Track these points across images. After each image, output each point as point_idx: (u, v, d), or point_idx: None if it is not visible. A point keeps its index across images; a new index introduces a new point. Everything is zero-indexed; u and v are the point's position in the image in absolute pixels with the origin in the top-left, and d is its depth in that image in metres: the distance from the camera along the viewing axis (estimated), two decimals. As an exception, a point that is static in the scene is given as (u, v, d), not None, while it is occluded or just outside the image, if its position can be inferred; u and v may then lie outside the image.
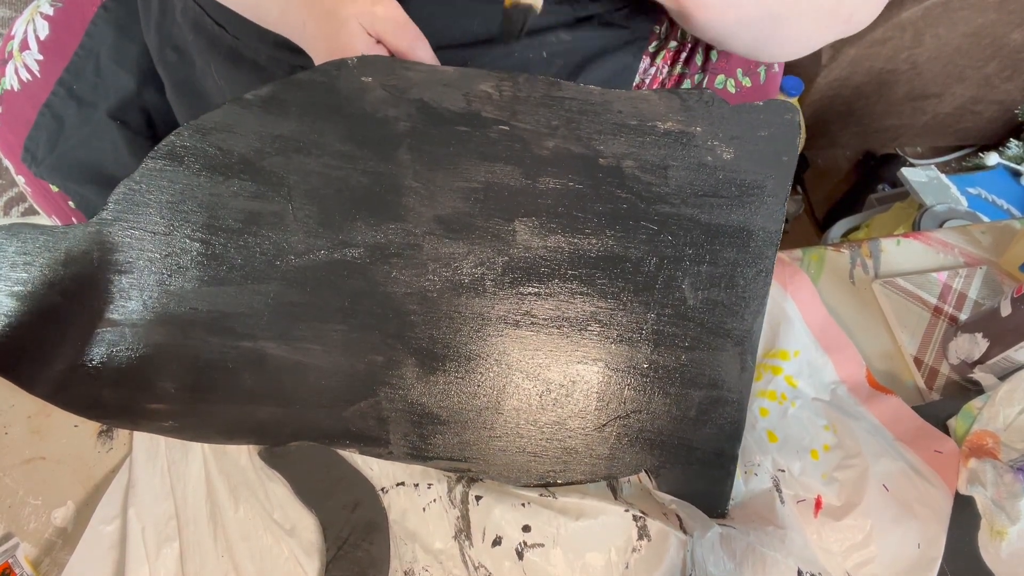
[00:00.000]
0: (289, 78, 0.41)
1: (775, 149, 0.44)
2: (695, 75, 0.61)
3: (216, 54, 0.54)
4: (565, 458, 0.47)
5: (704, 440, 0.47)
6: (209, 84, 0.57)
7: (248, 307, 0.44)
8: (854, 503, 0.48)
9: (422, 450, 0.47)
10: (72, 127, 0.61)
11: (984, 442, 0.51)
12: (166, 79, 0.60)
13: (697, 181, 0.44)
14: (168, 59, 0.59)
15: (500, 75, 0.41)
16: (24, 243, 0.43)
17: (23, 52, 0.61)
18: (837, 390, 0.55)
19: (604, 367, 0.46)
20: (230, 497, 0.45)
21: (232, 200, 0.43)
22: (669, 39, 0.61)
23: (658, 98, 0.43)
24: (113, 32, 0.62)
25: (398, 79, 0.41)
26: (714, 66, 0.61)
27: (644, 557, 0.44)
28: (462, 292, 0.44)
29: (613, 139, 0.43)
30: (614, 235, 0.44)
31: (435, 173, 0.43)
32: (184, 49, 0.57)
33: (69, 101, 0.61)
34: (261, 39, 0.51)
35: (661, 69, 0.61)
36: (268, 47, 0.51)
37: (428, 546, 0.45)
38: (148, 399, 0.45)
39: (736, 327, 0.46)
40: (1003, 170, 1.24)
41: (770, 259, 0.45)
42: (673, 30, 0.61)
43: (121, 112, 0.62)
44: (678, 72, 0.61)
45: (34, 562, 0.43)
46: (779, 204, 0.45)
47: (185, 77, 0.59)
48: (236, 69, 0.54)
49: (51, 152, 0.62)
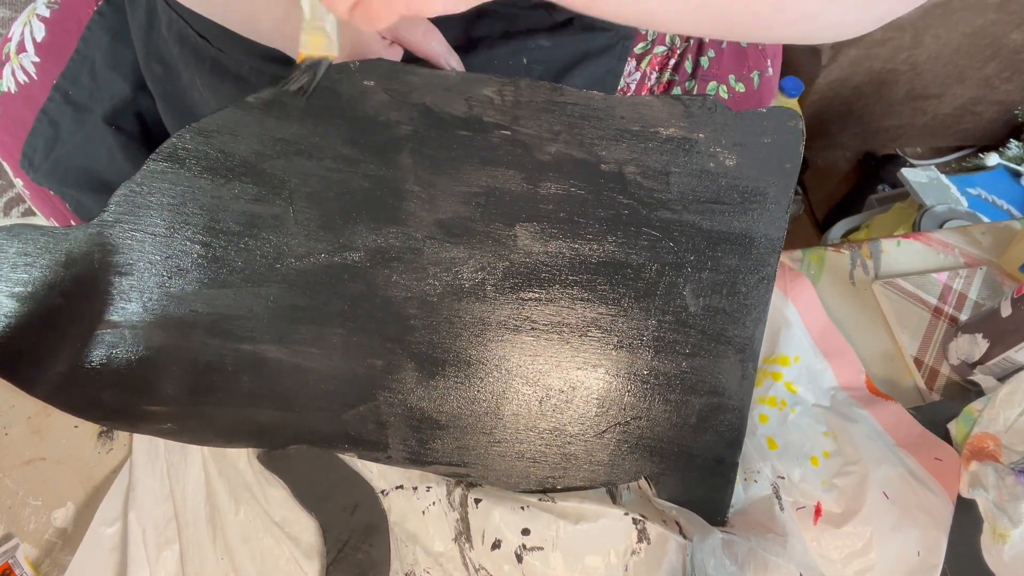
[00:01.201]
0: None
1: (778, 156, 0.44)
2: (685, 82, 0.60)
3: (201, 67, 0.54)
4: (564, 464, 0.47)
5: (704, 447, 0.47)
6: (195, 97, 0.57)
7: (248, 310, 0.44)
8: (854, 510, 0.48)
9: (421, 455, 0.47)
10: (68, 133, 0.61)
11: (985, 445, 0.51)
12: (154, 91, 0.60)
13: (699, 187, 0.44)
14: (155, 72, 0.59)
15: (502, 80, 0.41)
16: (25, 244, 0.43)
17: (20, 55, 0.61)
18: (836, 395, 0.55)
19: (604, 373, 0.46)
20: (230, 500, 0.45)
21: (233, 203, 0.43)
22: (656, 43, 0.60)
23: (661, 104, 0.42)
24: (108, 37, 0.62)
25: (400, 83, 0.41)
26: (705, 72, 0.60)
27: (643, 560, 0.44)
28: (462, 297, 0.44)
29: (615, 145, 0.43)
30: (615, 241, 0.44)
31: (436, 177, 0.43)
32: (169, 62, 0.57)
33: (65, 107, 0.61)
34: (245, 51, 0.50)
35: (649, 75, 0.60)
36: (252, 59, 0.51)
37: (429, 548, 0.45)
38: (147, 401, 0.45)
39: (738, 334, 0.46)
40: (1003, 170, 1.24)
41: (772, 266, 0.45)
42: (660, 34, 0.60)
43: (116, 117, 0.62)
44: (667, 79, 0.60)
45: (34, 563, 0.43)
46: (782, 211, 0.44)
47: (171, 90, 0.59)
48: (221, 82, 0.53)
49: (47, 158, 0.61)
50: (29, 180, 0.63)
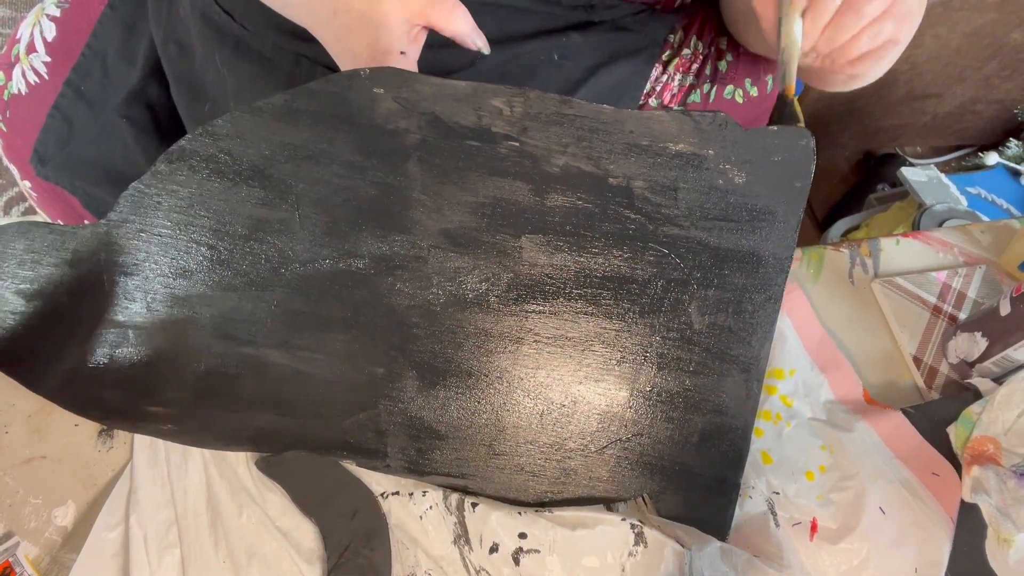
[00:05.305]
0: (301, 87, 0.41)
1: (788, 175, 0.43)
2: (703, 85, 0.60)
3: (222, 45, 0.54)
4: (563, 479, 0.47)
5: (706, 467, 0.47)
6: (210, 77, 0.57)
7: (251, 314, 0.44)
8: (851, 526, 0.48)
9: (419, 464, 0.47)
10: (81, 127, 0.61)
11: (985, 448, 0.51)
12: (168, 72, 0.60)
13: (707, 204, 0.43)
14: (170, 53, 0.59)
15: (512, 91, 0.41)
16: (32, 242, 0.43)
17: (30, 55, 0.61)
18: (833, 407, 0.55)
19: (606, 388, 0.46)
20: (232, 504, 0.46)
21: (240, 206, 0.43)
22: (682, 47, 0.60)
23: (671, 119, 0.42)
24: (120, 30, 0.62)
25: (410, 91, 0.41)
26: (723, 76, 0.61)
27: (640, 562, 0.44)
28: (466, 307, 0.44)
29: (624, 159, 0.42)
30: (621, 255, 0.44)
31: (443, 187, 0.42)
32: (185, 43, 0.58)
33: (78, 102, 0.61)
34: (268, 26, 0.51)
35: (673, 77, 0.60)
36: (275, 34, 0.51)
37: (429, 551, 0.45)
38: (148, 402, 0.45)
39: (742, 353, 0.46)
40: (1003, 170, 1.23)
41: (779, 286, 0.45)
42: (687, 39, 0.61)
43: (127, 108, 0.62)
44: (688, 83, 0.60)
45: (34, 561, 0.43)
46: (790, 231, 0.44)
47: (185, 70, 0.59)
48: (241, 60, 0.54)
49: (60, 152, 0.62)
50: (39, 180, 0.63)
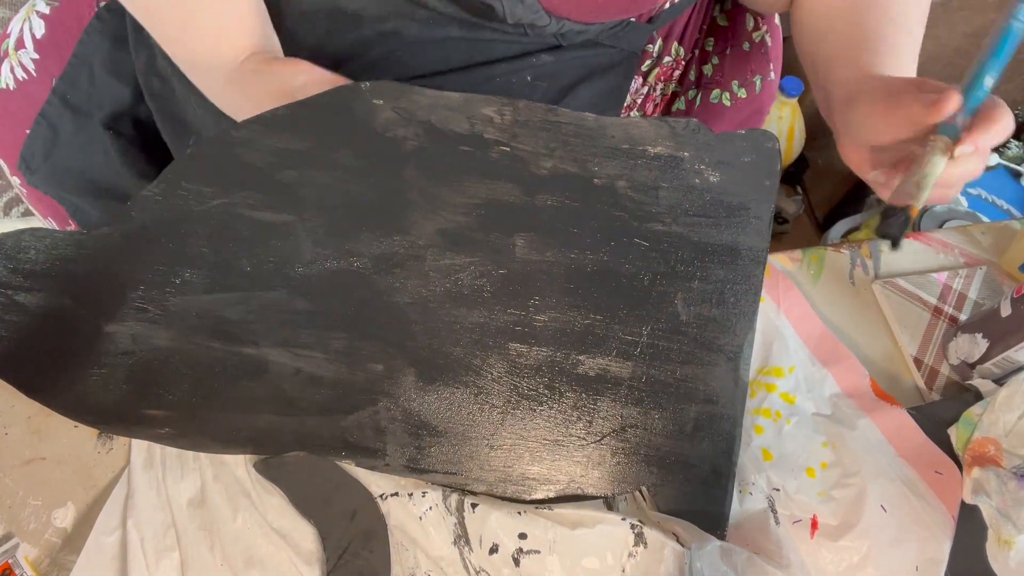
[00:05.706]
0: (306, 99, 0.44)
1: (758, 174, 0.47)
2: (688, 91, 0.61)
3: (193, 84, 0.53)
4: (562, 474, 0.47)
5: (700, 457, 0.48)
6: (190, 114, 0.57)
7: (253, 314, 0.46)
8: (851, 523, 0.48)
9: (419, 462, 0.47)
10: (67, 137, 0.61)
11: (986, 450, 0.51)
12: (152, 105, 0.60)
13: (686, 202, 0.46)
14: (153, 86, 0.59)
15: (502, 100, 0.45)
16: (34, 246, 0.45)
17: (19, 51, 0.60)
18: (839, 402, 0.55)
19: (601, 381, 0.47)
20: (228, 506, 0.46)
21: (244, 210, 0.45)
22: (663, 56, 0.60)
23: (648, 124, 0.46)
24: (108, 43, 0.61)
25: (407, 102, 0.44)
26: (708, 80, 0.61)
27: (640, 563, 0.44)
28: (462, 303, 0.46)
29: (607, 161, 0.46)
30: (608, 251, 0.46)
31: (439, 189, 0.45)
32: (167, 78, 0.58)
33: (64, 110, 0.61)
34: None
35: (654, 87, 0.60)
36: None
37: (429, 552, 0.45)
38: (147, 405, 0.46)
39: (728, 343, 0.48)
40: (1003, 170, 1.22)
41: (758, 277, 0.47)
42: (667, 47, 0.60)
43: (115, 122, 0.62)
44: (671, 91, 0.61)
45: (34, 562, 0.43)
46: (764, 225, 0.47)
47: (167, 105, 0.59)
48: None
49: (45, 161, 0.61)
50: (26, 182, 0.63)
